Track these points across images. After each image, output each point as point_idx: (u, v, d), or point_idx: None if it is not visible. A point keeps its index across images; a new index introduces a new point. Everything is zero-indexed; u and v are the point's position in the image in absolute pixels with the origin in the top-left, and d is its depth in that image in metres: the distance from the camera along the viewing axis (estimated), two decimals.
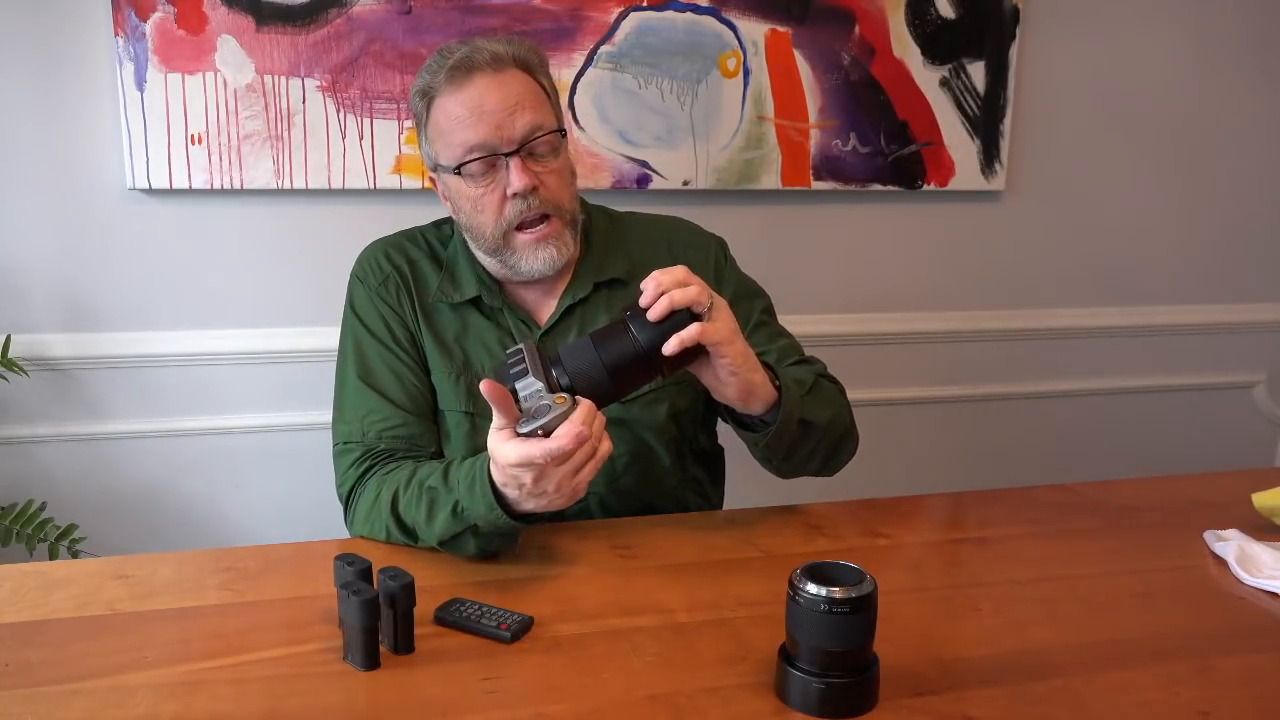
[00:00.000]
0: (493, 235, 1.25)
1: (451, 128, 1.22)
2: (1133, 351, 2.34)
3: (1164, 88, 2.21)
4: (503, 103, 1.20)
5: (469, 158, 1.22)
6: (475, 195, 1.24)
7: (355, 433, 1.27)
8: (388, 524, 1.17)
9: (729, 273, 1.38)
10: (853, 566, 0.88)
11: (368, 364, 1.30)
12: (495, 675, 0.93)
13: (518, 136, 1.21)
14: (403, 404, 1.28)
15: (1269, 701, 0.91)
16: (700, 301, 1.06)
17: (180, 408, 1.90)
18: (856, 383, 2.22)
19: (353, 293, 1.35)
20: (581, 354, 1.06)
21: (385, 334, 1.31)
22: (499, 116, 1.20)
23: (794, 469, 1.26)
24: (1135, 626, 1.03)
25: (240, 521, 1.95)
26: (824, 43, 1.99)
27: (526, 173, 1.21)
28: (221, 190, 1.82)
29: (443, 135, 1.24)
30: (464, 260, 1.33)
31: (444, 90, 1.22)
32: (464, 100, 1.21)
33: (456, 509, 1.09)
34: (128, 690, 0.90)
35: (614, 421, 1.29)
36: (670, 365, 1.06)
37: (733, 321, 1.09)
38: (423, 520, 1.13)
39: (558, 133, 1.25)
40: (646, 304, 1.05)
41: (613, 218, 1.40)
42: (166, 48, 1.73)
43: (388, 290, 1.33)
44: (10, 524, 1.70)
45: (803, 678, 0.87)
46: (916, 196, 2.13)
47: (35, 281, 1.81)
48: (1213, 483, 1.46)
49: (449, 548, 1.13)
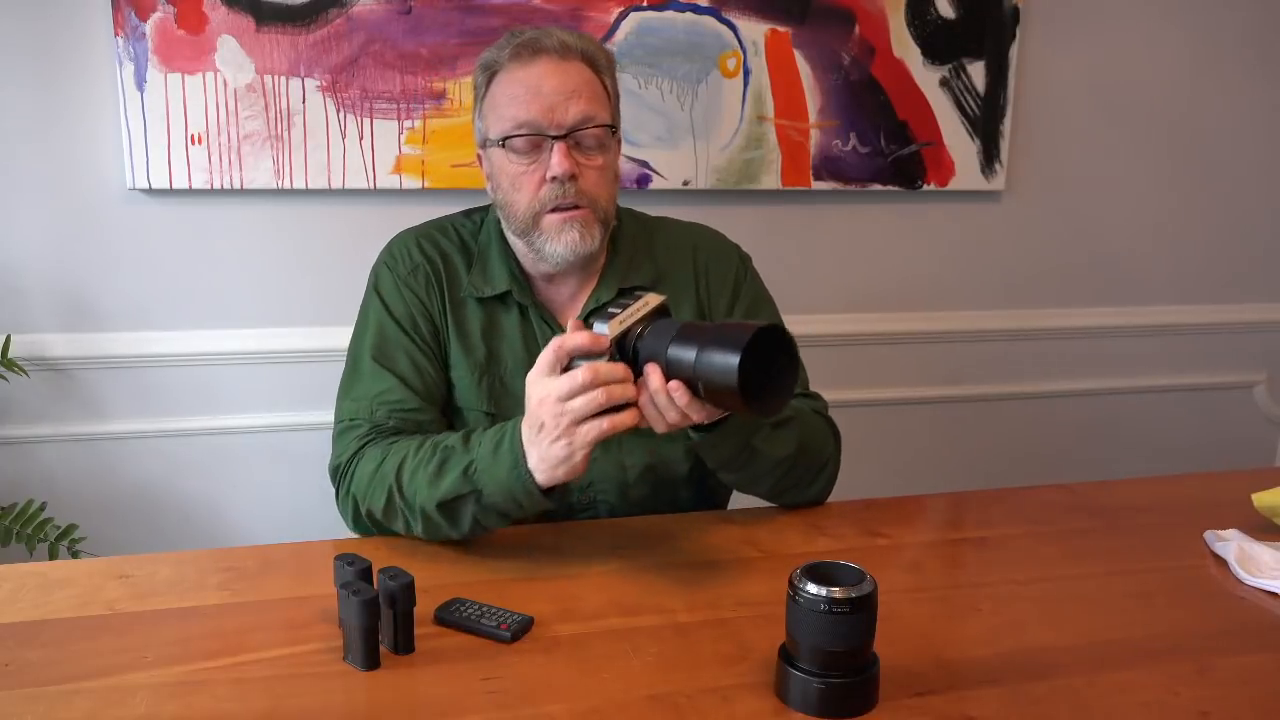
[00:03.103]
0: (524, 215, 1.25)
1: (506, 102, 1.24)
2: (1133, 351, 2.34)
3: (1164, 88, 2.21)
4: (560, 87, 1.22)
5: (516, 132, 1.23)
6: (515, 172, 1.24)
7: (364, 410, 1.25)
8: (390, 487, 1.15)
9: (747, 287, 1.38)
10: (853, 566, 0.88)
11: (387, 347, 1.29)
12: (495, 675, 0.93)
13: (567, 122, 1.22)
14: (418, 389, 1.26)
15: (1269, 701, 0.91)
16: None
17: (180, 408, 1.90)
18: (856, 383, 2.25)
19: (379, 277, 1.34)
20: (660, 336, 1.02)
21: (409, 322, 1.30)
22: (554, 99, 1.21)
23: (741, 485, 1.27)
24: (1135, 626, 1.03)
25: (240, 521, 1.95)
26: (824, 43, 1.99)
27: (569, 159, 1.22)
28: (221, 190, 1.82)
29: (496, 108, 1.25)
30: (496, 251, 1.33)
31: (507, 66, 1.24)
32: (523, 78, 1.23)
33: (469, 469, 1.09)
34: (128, 690, 0.90)
35: (633, 430, 1.29)
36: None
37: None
38: (427, 478, 1.12)
39: (608, 128, 1.26)
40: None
41: (642, 222, 1.40)
42: (166, 48, 1.73)
43: (416, 280, 1.31)
44: (10, 524, 1.70)
45: (803, 678, 0.87)
46: (916, 196, 2.13)
47: (35, 281, 1.81)
48: (1213, 483, 1.46)
49: (441, 517, 1.12)
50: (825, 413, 1.34)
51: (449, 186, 1.88)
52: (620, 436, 1.27)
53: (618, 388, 1.01)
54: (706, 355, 0.97)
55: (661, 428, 1.04)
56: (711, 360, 0.96)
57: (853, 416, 2.13)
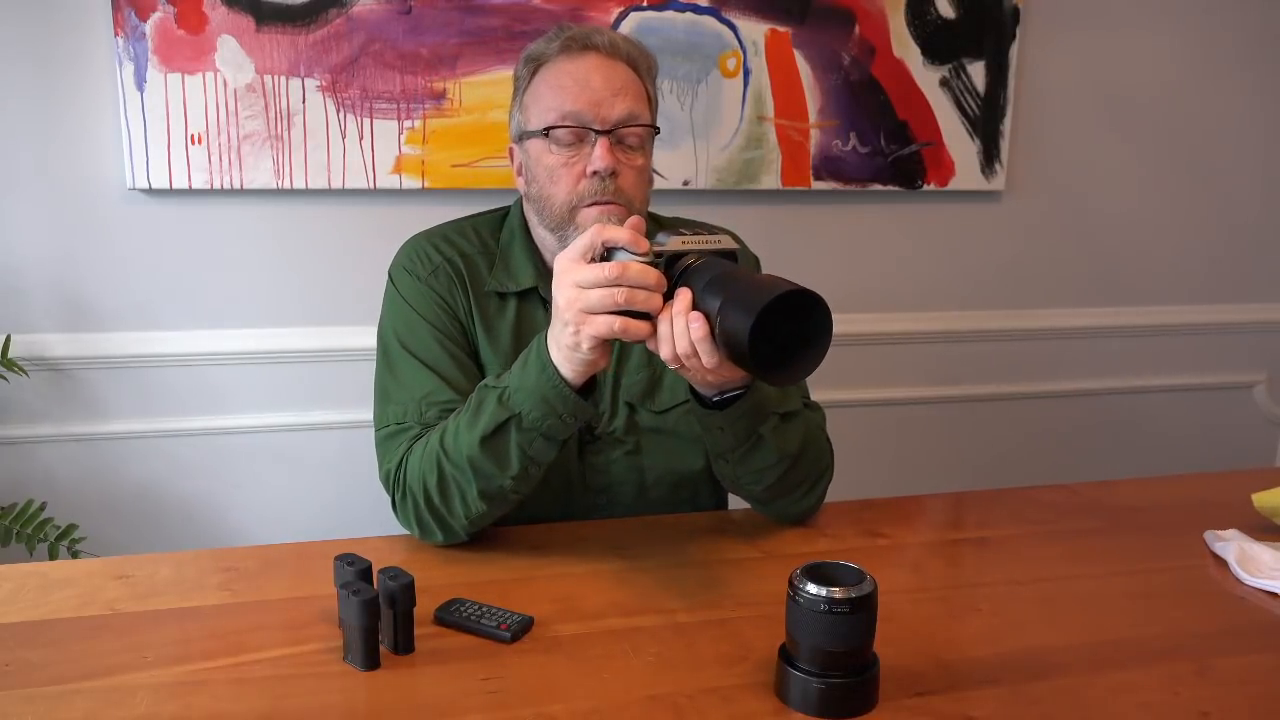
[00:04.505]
0: (560, 209, 1.24)
1: (551, 93, 1.23)
2: (1133, 351, 2.34)
3: (1164, 88, 2.21)
4: (607, 84, 1.22)
5: (561, 123, 1.22)
6: (554, 164, 1.23)
7: (412, 414, 1.21)
8: (438, 456, 1.12)
9: None
10: (853, 566, 0.88)
11: (423, 348, 1.26)
12: (495, 675, 0.93)
13: (613, 118, 1.22)
14: (463, 387, 1.23)
15: (1269, 701, 0.91)
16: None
17: (180, 408, 1.90)
18: (856, 383, 2.25)
19: (398, 283, 1.31)
20: (706, 272, 0.97)
21: (439, 320, 1.27)
22: (601, 94, 1.21)
23: (739, 481, 1.21)
24: (1135, 626, 1.03)
25: (240, 521, 1.95)
26: (824, 43, 1.99)
27: (611, 154, 1.21)
28: (221, 190, 1.82)
29: (539, 100, 1.25)
30: (520, 247, 1.32)
31: (554, 59, 1.24)
32: (572, 71, 1.23)
33: (504, 396, 1.08)
34: (128, 690, 0.90)
35: (652, 431, 1.29)
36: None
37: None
38: (467, 422, 1.10)
39: (651, 128, 1.26)
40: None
41: (660, 223, 1.40)
42: (166, 48, 1.73)
43: (438, 281, 1.29)
44: (10, 524, 1.70)
45: (803, 678, 0.87)
46: (916, 196, 2.13)
47: (35, 281, 1.81)
48: (1213, 483, 1.46)
49: (486, 458, 1.09)
50: (824, 429, 1.31)
51: (449, 186, 1.88)
52: (640, 439, 1.28)
53: (641, 293, 0.97)
54: (729, 305, 0.92)
55: (667, 352, 0.99)
56: (730, 313, 0.91)
57: (853, 416, 2.15)
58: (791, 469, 1.20)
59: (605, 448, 1.29)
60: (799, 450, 1.20)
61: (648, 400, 1.29)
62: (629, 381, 1.29)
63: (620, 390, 1.29)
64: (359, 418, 1.79)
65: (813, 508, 1.27)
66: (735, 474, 1.20)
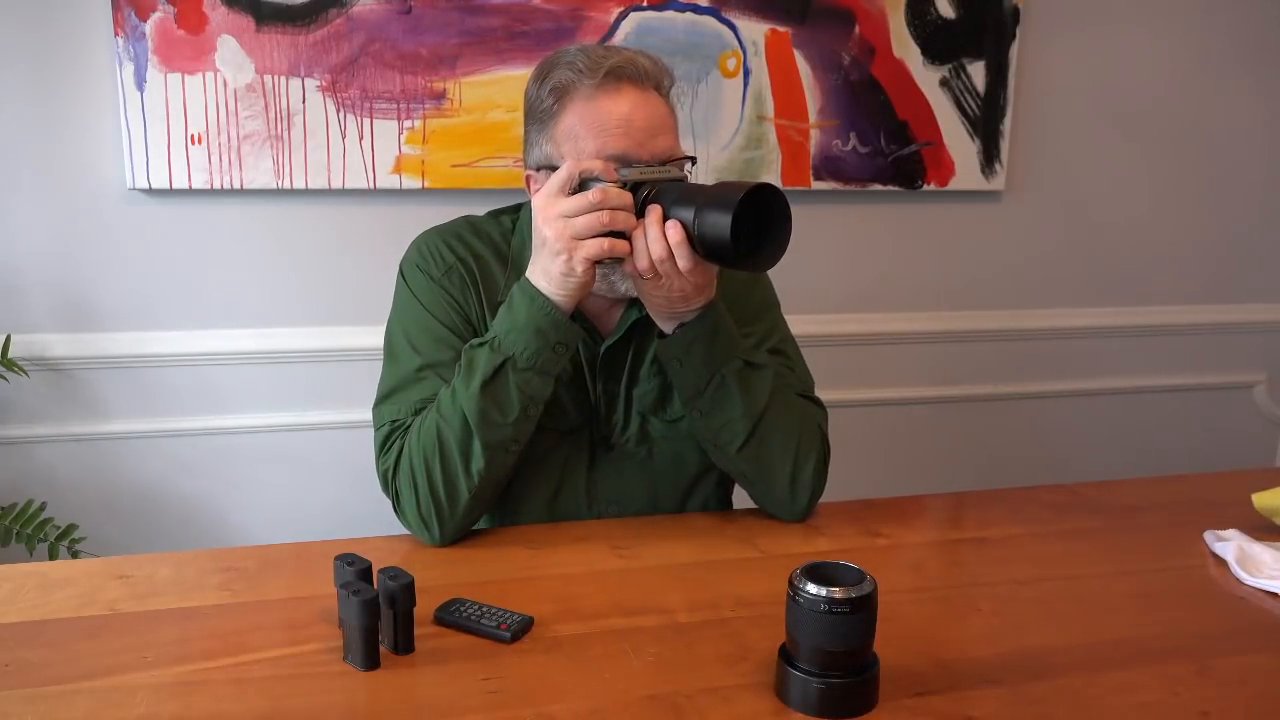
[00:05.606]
0: None
1: (591, 134, 1.18)
2: (1133, 351, 2.34)
3: (1164, 88, 2.21)
4: (649, 122, 1.18)
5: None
6: None
7: (410, 414, 1.21)
8: (436, 425, 1.15)
9: (759, 291, 1.36)
10: (853, 566, 0.88)
11: (430, 348, 1.25)
12: (495, 675, 0.93)
13: (657, 157, 1.19)
14: None
15: (1269, 701, 0.91)
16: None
17: (180, 408, 1.90)
18: (856, 383, 2.25)
19: (410, 280, 1.29)
20: (667, 194, 1.11)
21: (450, 321, 1.26)
22: (642, 135, 1.17)
23: (716, 440, 1.23)
24: (1135, 626, 1.03)
25: (240, 521, 1.96)
26: (824, 43, 1.99)
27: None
28: (221, 190, 1.82)
29: (576, 139, 1.18)
30: (531, 255, 1.30)
31: (589, 94, 1.18)
32: (613, 110, 1.17)
33: (494, 344, 1.14)
34: (128, 690, 0.89)
35: (664, 440, 1.30)
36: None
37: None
38: (461, 380, 1.14)
39: (689, 160, 1.23)
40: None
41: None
42: (166, 48, 1.74)
43: (451, 281, 1.28)
44: (10, 524, 1.70)
45: (803, 678, 0.87)
46: (916, 196, 2.13)
47: (35, 281, 1.81)
48: (1213, 483, 1.46)
49: (487, 406, 1.13)
50: (823, 424, 1.30)
51: (449, 186, 1.88)
52: (653, 448, 1.29)
53: (621, 214, 1.09)
54: (705, 209, 1.06)
55: (644, 262, 1.09)
56: (707, 214, 1.05)
57: (853, 416, 2.15)
58: (762, 425, 1.21)
59: (618, 458, 1.30)
60: (766, 404, 1.21)
61: (660, 410, 1.29)
62: (641, 392, 1.29)
63: (634, 402, 1.29)
64: (359, 418, 1.78)
65: (804, 501, 1.26)
66: (710, 430, 1.22)
